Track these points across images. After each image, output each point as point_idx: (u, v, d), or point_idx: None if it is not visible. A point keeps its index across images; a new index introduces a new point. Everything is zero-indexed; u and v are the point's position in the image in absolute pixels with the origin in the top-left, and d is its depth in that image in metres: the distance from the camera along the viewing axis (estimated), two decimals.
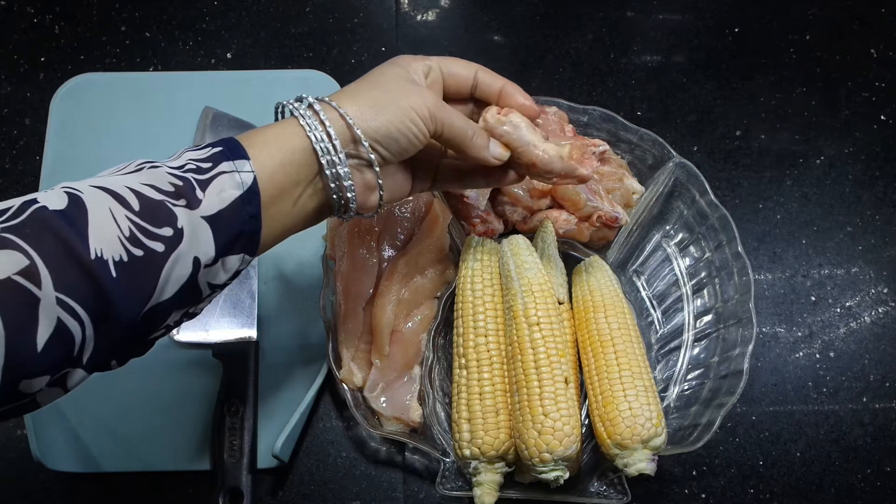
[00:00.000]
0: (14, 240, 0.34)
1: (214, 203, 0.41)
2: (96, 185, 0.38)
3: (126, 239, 0.37)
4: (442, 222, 0.64)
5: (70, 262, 0.35)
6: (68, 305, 0.35)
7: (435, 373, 0.64)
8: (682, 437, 0.59)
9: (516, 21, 0.61)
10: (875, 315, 0.70)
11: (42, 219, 0.35)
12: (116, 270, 0.36)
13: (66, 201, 0.37)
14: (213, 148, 0.43)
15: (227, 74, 0.76)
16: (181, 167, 0.41)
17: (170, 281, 0.39)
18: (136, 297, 0.38)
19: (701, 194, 0.66)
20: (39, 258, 0.34)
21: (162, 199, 0.39)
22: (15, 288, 0.33)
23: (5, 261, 0.33)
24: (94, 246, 0.36)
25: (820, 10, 0.81)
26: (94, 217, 0.36)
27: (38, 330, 0.34)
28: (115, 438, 0.64)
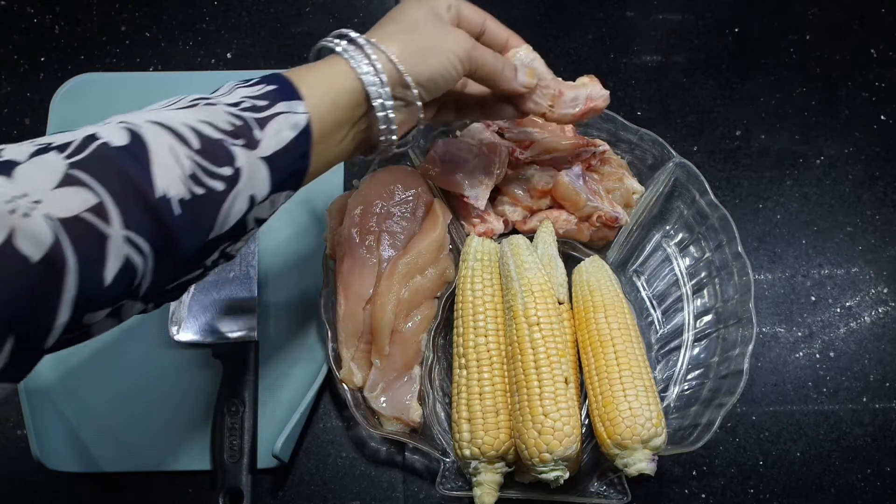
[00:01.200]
0: (82, 177, 0.35)
1: (271, 144, 0.42)
2: (154, 121, 0.39)
3: (188, 178, 0.38)
4: (442, 222, 0.64)
5: (137, 201, 0.36)
6: (135, 243, 0.36)
7: (435, 373, 0.64)
8: (682, 437, 0.59)
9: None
10: (875, 315, 0.70)
11: (106, 156, 0.36)
12: (180, 208, 0.38)
13: (127, 138, 0.37)
14: (266, 84, 0.44)
15: (227, 74, 0.76)
16: (237, 104, 0.42)
17: (228, 217, 0.41)
18: (197, 234, 0.39)
19: (701, 194, 0.66)
20: (108, 196, 0.35)
21: (220, 137, 0.40)
22: (86, 225, 0.34)
23: (75, 198, 0.34)
24: (159, 185, 0.37)
25: (820, 10, 0.81)
26: (156, 155, 0.37)
27: (106, 266, 0.35)
28: (115, 438, 0.64)
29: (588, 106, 0.59)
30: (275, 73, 0.45)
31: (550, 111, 0.58)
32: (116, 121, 0.39)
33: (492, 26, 0.56)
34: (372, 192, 0.63)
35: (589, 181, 0.65)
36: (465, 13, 0.54)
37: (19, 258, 0.32)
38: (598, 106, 0.60)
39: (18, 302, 0.32)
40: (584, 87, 0.60)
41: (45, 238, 0.33)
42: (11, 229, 0.32)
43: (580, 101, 0.59)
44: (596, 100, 0.60)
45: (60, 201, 0.34)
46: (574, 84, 0.60)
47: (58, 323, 0.35)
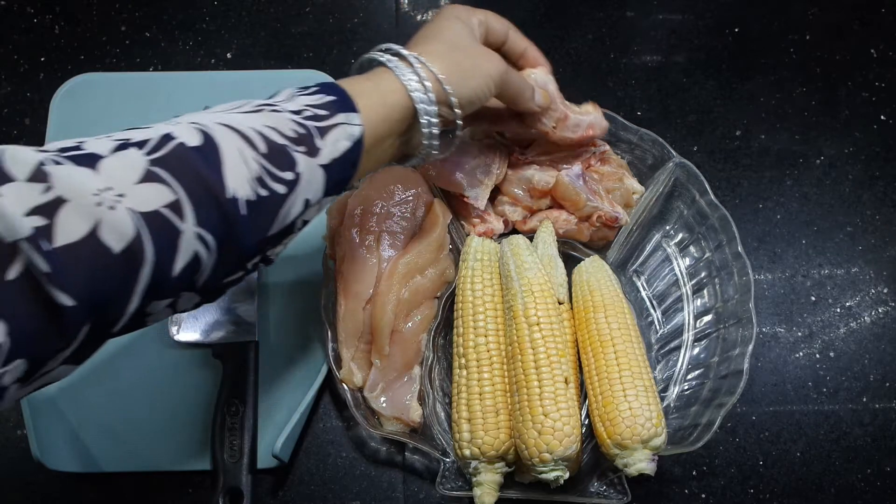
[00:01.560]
0: (162, 174, 0.37)
1: (329, 153, 0.44)
2: (223, 124, 0.41)
3: (255, 180, 0.40)
4: (442, 222, 0.64)
5: (210, 200, 0.38)
6: (204, 238, 0.38)
7: (435, 373, 0.64)
8: (682, 437, 0.59)
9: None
10: (875, 315, 0.70)
11: (183, 155, 0.38)
12: (246, 209, 0.40)
13: (200, 139, 0.39)
14: (325, 95, 0.46)
15: (227, 74, 0.76)
16: (299, 112, 0.44)
17: (286, 219, 0.43)
18: (257, 233, 0.42)
19: (701, 194, 0.66)
20: (185, 194, 0.37)
21: (285, 143, 0.42)
22: (163, 220, 0.36)
23: (155, 194, 0.36)
24: (230, 186, 0.39)
25: (820, 10, 0.81)
26: (227, 157, 0.39)
27: (176, 259, 0.37)
28: (115, 438, 0.64)
29: (588, 133, 0.64)
30: (332, 84, 0.48)
31: (553, 132, 0.63)
32: (187, 121, 0.41)
33: (513, 36, 0.60)
34: (372, 192, 0.63)
35: (589, 181, 0.65)
36: (492, 25, 0.58)
37: (103, 249, 0.34)
38: (596, 135, 0.65)
39: (99, 290, 0.34)
40: (587, 114, 0.64)
41: (127, 231, 0.35)
42: (97, 221, 0.34)
43: (581, 128, 0.63)
44: (595, 128, 0.64)
45: (142, 196, 0.36)
46: (578, 109, 0.64)
47: (129, 311, 0.37)
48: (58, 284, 0.33)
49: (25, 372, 0.34)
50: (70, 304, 0.33)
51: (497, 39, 0.59)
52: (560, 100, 0.62)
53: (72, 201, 0.34)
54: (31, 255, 0.32)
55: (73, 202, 0.34)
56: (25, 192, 0.33)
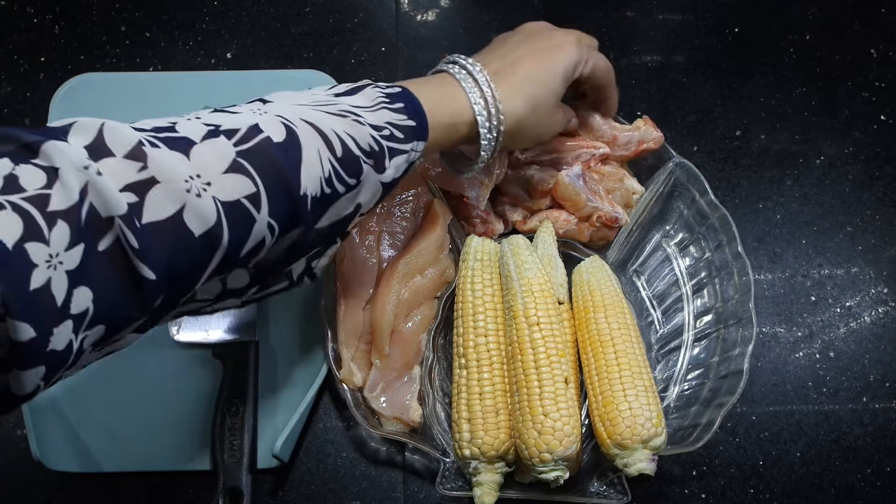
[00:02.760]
0: (247, 167, 0.39)
1: (391, 173, 0.47)
2: (307, 121, 0.43)
3: (324, 180, 0.43)
4: (442, 222, 0.64)
5: (284, 195, 0.41)
6: (272, 226, 0.41)
7: (435, 373, 0.64)
8: (682, 437, 0.59)
9: (516, 21, 0.61)
10: (875, 315, 0.70)
11: (267, 150, 0.40)
12: (311, 204, 0.43)
13: (284, 134, 0.42)
14: (407, 117, 0.48)
15: (227, 74, 0.76)
16: (379, 129, 0.46)
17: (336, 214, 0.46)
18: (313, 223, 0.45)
19: (701, 194, 0.66)
20: (263, 187, 0.40)
21: (358, 154, 0.45)
22: (241, 209, 0.39)
23: (238, 185, 0.39)
24: (304, 183, 0.42)
25: (820, 10, 0.81)
26: (306, 156, 0.42)
27: (247, 243, 0.40)
28: (115, 438, 0.64)
29: (640, 147, 0.67)
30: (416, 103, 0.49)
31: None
32: (274, 112, 0.43)
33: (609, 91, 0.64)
34: None
35: (589, 181, 0.65)
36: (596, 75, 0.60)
37: (184, 231, 0.37)
38: (650, 147, 0.67)
39: (177, 268, 0.37)
40: (637, 130, 0.66)
41: (209, 218, 0.37)
42: (184, 205, 0.36)
43: (633, 143, 0.66)
44: (648, 141, 0.66)
45: (226, 186, 0.38)
46: (629, 127, 0.67)
47: (197, 287, 0.40)
48: (143, 258, 0.35)
49: (101, 337, 0.36)
50: (152, 278, 0.36)
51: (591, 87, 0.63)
52: (608, 126, 0.66)
53: (163, 183, 0.36)
54: (124, 230, 0.34)
55: (164, 184, 0.36)
56: (122, 168, 0.35)
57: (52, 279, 0.32)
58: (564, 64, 0.56)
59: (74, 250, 0.33)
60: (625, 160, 0.68)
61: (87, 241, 0.34)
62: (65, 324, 0.33)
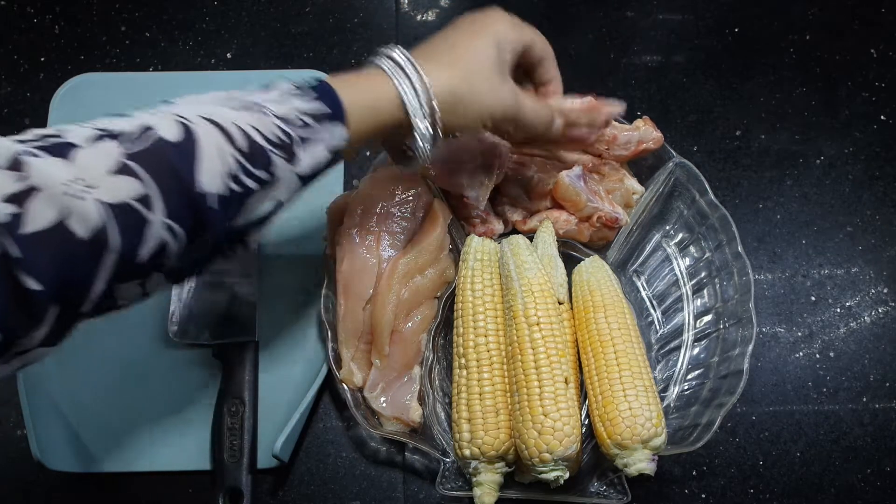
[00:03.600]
0: (136, 168, 0.38)
1: (308, 164, 0.45)
2: (206, 118, 0.42)
3: (229, 176, 0.41)
4: (442, 222, 0.64)
5: (180, 194, 0.39)
6: (172, 227, 0.40)
7: (435, 373, 0.64)
8: (682, 437, 0.59)
9: None
10: (875, 315, 0.70)
11: (160, 150, 0.39)
12: (217, 203, 0.41)
13: (180, 133, 0.40)
14: (318, 103, 0.46)
15: (227, 74, 0.76)
16: (286, 119, 0.44)
17: (255, 213, 0.44)
18: (226, 224, 0.43)
19: (701, 194, 0.66)
20: (155, 188, 0.38)
21: (266, 146, 0.43)
22: (131, 211, 0.38)
23: (126, 187, 0.38)
24: (203, 181, 0.40)
25: (820, 10, 0.81)
26: (204, 153, 0.40)
27: (143, 247, 0.39)
28: (115, 438, 0.64)
29: (640, 147, 0.66)
30: (327, 88, 0.47)
31: (606, 153, 0.67)
32: (171, 112, 0.42)
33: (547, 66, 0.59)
34: (372, 192, 0.63)
35: (589, 181, 0.65)
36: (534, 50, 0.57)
37: (70, 236, 0.36)
38: (649, 147, 0.66)
39: (65, 276, 0.36)
40: (636, 130, 0.66)
41: (92, 219, 0.36)
42: (66, 210, 0.36)
43: (633, 143, 0.66)
44: (647, 141, 0.66)
45: (112, 188, 0.37)
46: (629, 127, 0.66)
47: (93, 294, 0.38)
48: (26, 269, 0.34)
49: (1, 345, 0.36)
50: (37, 289, 0.35)
51: (532, 64, 0.58)
52: (608, 126, 0.65)
53: (43, 191, 0.35)
54: (4, 241, 0.34)
55: (45, 191, 0.35)
56: (2, 180, 0.35)
57: None
58: (495, 30, 0.54)
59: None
60: (625, 160, 0.68)
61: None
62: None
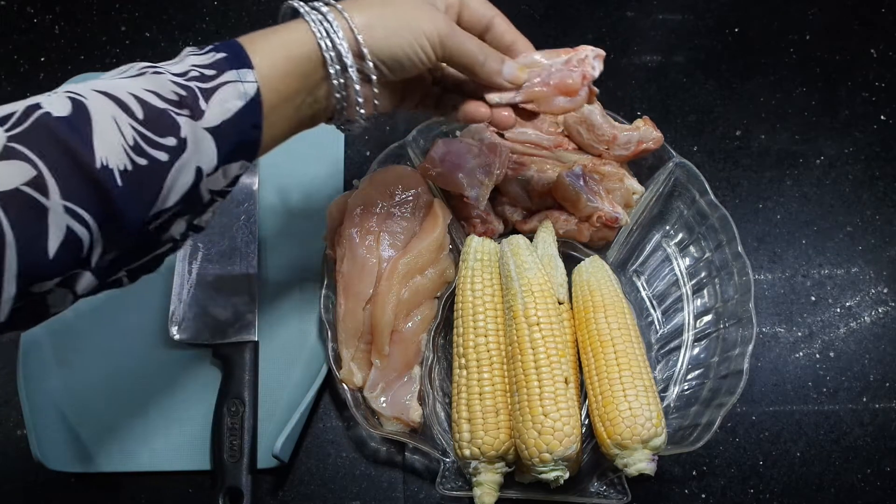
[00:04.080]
0: (21, 149, 0.34)
1: (217, 114, 0.41)
2: (99, 90, 0.38)
3: (130, 148, 0.37)
4: (442, 222, 0.64)
5: (77, 172, 0.35)
6: (76, 213, 0.35)
7: (435, 373, 0.64)
8: (682, 437, 0.59)
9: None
10: (875, 315, 0.70)
11: (47, 126, 0.35)
12: (122, 179, 0.37)
13: (69, 107, 0.37)
14: (216, 53, 0.42)
15: None
16: (184, 74, 0.41)
17: (173, 189, 0.40)
18: (141, 204, 0.38)
19: (701, 194, 0.66)
20: (46, 168, 0.34)
21: (165, 107, 0.39)
22: (23, 199, 0.34)
23: (13, 172, 0.34)
24: (100, 155, 0.36)
25: (820, 10, 0.81)
26: (98, 125, 0.37)
27: (48, 237, 0.35)
28: (115, 438, 0.64)
29: (640, 147, 0.66)
30: (230, 41, 0.44)
31: (606, 153, 0.67)
32: (63, 90, 0.38)
33: (500, 23, 0.52)
34: (372, 192, 0.63)
35: (589, 181, 0.65)
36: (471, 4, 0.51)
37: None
38: (649, 147, 0.66)
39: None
40: (636, 130, 0.66)
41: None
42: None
43: (633, 143, 0.66)
44: (647, 142, 0.66)
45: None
46: (629, 127, 0.67)
47: (5, 296, 0.35)
48: None
49: None
50: None
51: (475, 24, 0.52)
52: (608, 125, 0.65)
53: None
54: None
55: None
56: None
57: None
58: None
59: None
60: (624, 160, 0.68)
61: None
62: None
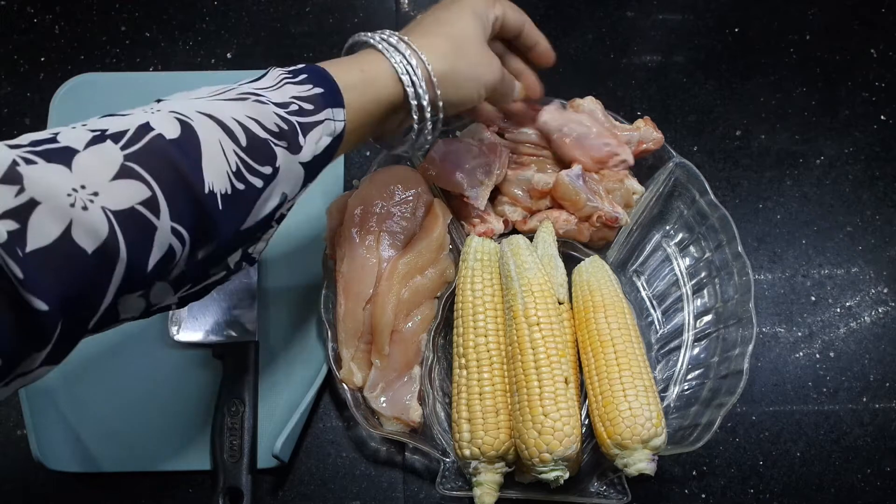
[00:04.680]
0: (137, 170, 0.36)
1: (311, 150, 0.44)
2: (204, 113, 0.40)
3: (233, 174, 0.40)
4: (442, 222, 0.64)
5: (186, 195, 0.37)
6: (178, 231, 0.38)
7: (435, 373, 0.64)
8: (682, 437, 0.59)
9: None
10: (875, 315, 0.70)
11: (160, 148, 0.37)
12: (222, 203, 0.39)
13: (178, 129, 0.38)
14: (313, 86, 0.45)
15: (227, 74, 0.76)
16: (285, 105, 0.43)
17: (260, 211, 0.43)
18: (232, 225, 0.41)
19: (701, 194, 0.66)
20: (160, 190, 0.36)
21: (266, 137, 0.41)
22: (138, 218, 0.36)
23: (130, 191, 0.36)
24: (208, 181, 0.38)
25: (820, 10, 0.81)
26: (206, 149, 0.39)
27: (151, 254, 0.37)
28: (115, 438, 0.64)
29: (640, 148, 0.67)
30: (321, 71, 0.46)
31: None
32: (167, 109, 0.39)
33: (528, 29, 0.60)
34: (372, 192, 0.63)
35: (589, 181, 0.65)
36: (509, 19, 0.58)
37: (75, 250, 0.34)
38: (649, 148, 0.67)
39: (71, 291, 0.34)
40: (636, 130, 0.67)
41: (101, 231, 0.34)
42: (70, 221, 0.33)
43: (633, 144, 0.67)
44: (647, 142, 0.67)
45: (116, 194, 0.35)
46: (629, 127, 0.67)
47: (102, 308, 0.37)
48: (30, 289, 0.32)
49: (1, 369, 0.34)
50: (43, 309, 0.33)
51: (511, 33, 0.59)
52: (609, 124, 0.66)
53: (44, 203, 0.33)
54: (5, 261, 0.31)
55: (46, 204, 0.33)
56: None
57: None
58: (472, 3, 0.54)
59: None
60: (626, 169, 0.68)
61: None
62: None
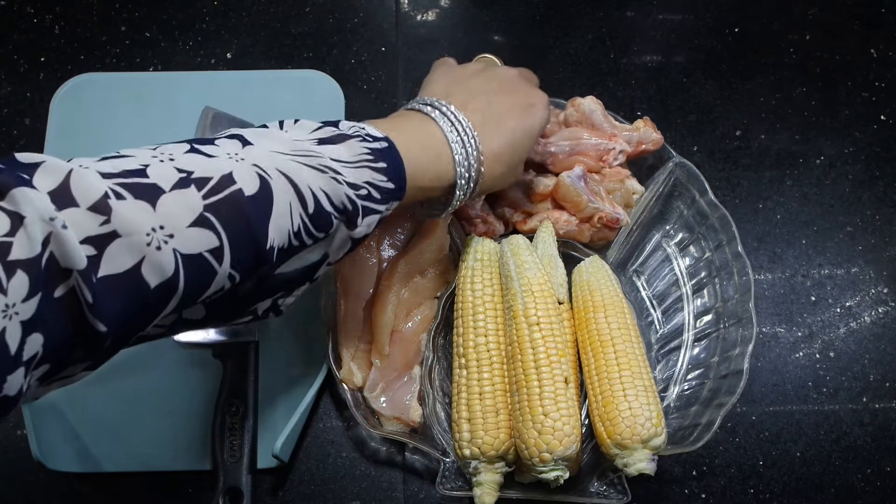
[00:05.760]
0: (212, 220, 0.39)
1: (364, 230, 0.47)
2: (284, 172, 0.42)
3: (294, 234, 0.43)
4: (442, 222, 0.64)
5: (250, 248, 0.41)
6: (233, 275, 0.41)
7: (435, 373, 0.64)
8: (682, 437, 0.59)
9: (516, 21, 0.61)
10: (875, 315, 0.70)
11: (237, 203, 0.40)
12: (277, 256, 0.43)
13: (257, 186, 0.41)
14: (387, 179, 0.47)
15: (227, 74, 0.76)
16: (357, 188, 0.46)
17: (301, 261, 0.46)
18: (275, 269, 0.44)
19: (701, 194, 0.66)
20: (227, 242, 0.40)
21: (331, 211, 0.44)
22: (203, 262, 0.39)
23: (201, 239, 0.39)
24: (272, 237, 0.42)
25: (820, 10, 0.81)
26: (276, 209, 0.42)
27: (207, 291, 0.40)
28: (115, 438, 0.64)
29: (639, 148, 0.67)
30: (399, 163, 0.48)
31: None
32: (250, 161, 0.42)
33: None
34: None
35: (590, 182, 0.65)
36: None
37: (141, 283, 0.36)
38: (648, 148, 0.67)
39: (128, 318, 0.37)
40: (636, 130, 0.67)
41: (167, 270, 0.37)
42: (143, 257, 0.36)
43: (632, 144, 0.67)
44: (647, 142, 0.67)
45: (189, 239, 0.38)
46: (629, 127, 0.67)
47: (146, 330, 0.40)
48: (96, 313, 0.35)
49: (46, 373, 0.36)
50: (103, 330, 0.35)
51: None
52: (608, 124, 0.66)
53: (124, 237, 0.36)
54: (80, 284, 0.34)
55: (125, 238, 0.36)
56: (85, 220, 0.35)
57: (7, 329, 0.32)
58: (540, 127, 0.58)
59: (31, 301, 0.33)
60: (623, 161, 0.68)
61: (44, 290, 0.33)
62: (17, 371, 0.33)
